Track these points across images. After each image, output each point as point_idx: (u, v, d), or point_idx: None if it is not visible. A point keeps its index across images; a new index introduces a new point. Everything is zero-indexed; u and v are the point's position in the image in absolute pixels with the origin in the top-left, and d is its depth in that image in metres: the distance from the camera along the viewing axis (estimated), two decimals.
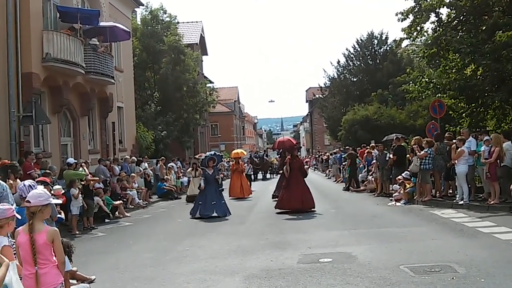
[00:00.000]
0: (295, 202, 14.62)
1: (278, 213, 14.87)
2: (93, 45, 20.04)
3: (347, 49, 40.74)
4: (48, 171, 13.91)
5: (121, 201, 16.75)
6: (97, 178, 15.86)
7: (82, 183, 14.25)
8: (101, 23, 20.80)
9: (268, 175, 36.98)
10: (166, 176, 23.17)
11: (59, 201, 10.93)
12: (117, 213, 16.03)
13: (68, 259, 6.35)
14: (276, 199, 16.67)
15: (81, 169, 15.23)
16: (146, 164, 22.49)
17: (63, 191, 11.84)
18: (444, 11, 16.37)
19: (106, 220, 15.07)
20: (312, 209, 14.63)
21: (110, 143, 23.24)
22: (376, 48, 39.55)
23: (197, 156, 24.70)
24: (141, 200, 19.34)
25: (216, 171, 15.64)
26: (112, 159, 20.63)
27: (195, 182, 19.37)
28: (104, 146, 22.47)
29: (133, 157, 22.36)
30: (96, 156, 20.63)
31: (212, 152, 16.92)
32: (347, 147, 25.64)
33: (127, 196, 18.14)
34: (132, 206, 18.16)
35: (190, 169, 21.46)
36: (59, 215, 9.20)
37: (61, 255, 4.72)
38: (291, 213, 14.25)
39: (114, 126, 24.00)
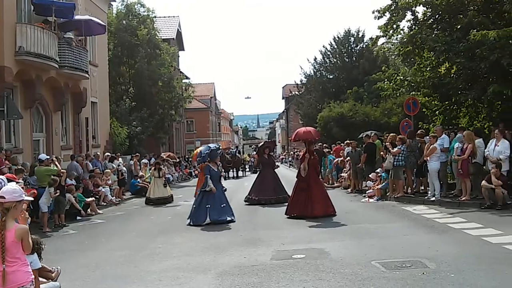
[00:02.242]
0: (317, 208, 12.36)
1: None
2: (67, 39, 19.73)
3: (323, 46, 40.85)
4: (21, 167, 13.69)
5: (93, 198, 16.53)
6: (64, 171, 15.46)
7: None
8: (76, 17, 20.48)
9: (240, 173, 36.44)
10: (140, 173, 22.94)
11: (31, 198, 10.77)
12: (89, 210, 15.78)
13: (38, 256, 6.22)
14: (248, 203, 16.12)
15: (52, 165, 14.98)
16: (120, 160, 22.23)
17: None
18: (420, 9, 16.52)
19: (78, 218, 14.83)
20: (334, 214, 12.53)
21: (83, 139, 22.97)
22: (352, 46, 39.73)
23: (164, 156, 23.00)
24: (114, 197, 19.10)
25: (219, 168, 13.80)
26: (85, 155, 20.36)
27: (158, 184, 18.48)
28: (77, 142, 22.18)
29: (106, 153, 22.10)
30: (68, 152, 20.35)
31: (216, 145, 14.23)
32: (319, 144, 25.72)
33: (100, 193, 17.89)
34: (105, 203, 17.92)
35: (152, 168, 19.96)
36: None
37: (28, 251, 4.65)
38: (297, 217, 12.39)
39: (88, 121, 23.72)
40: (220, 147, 14.51)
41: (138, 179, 22.38)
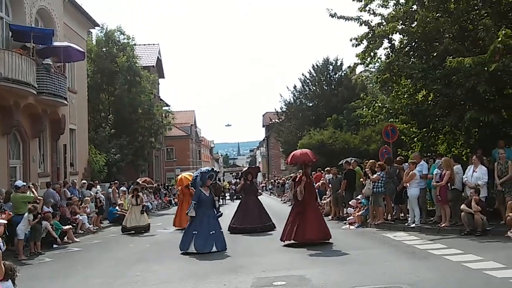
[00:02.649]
0: (311, 232, 11.95)
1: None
2: (46, 65, 19.61)
3: (303, 74, 41.38)
4: None
5: (70, 226, 16.21)
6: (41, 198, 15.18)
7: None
8: (55, 43, 20.42)
9: (220, 201, 34.87)
10: (119, 201, 22.60)
11: (4, 221, 10.54)
12: (66, 238, 15.46)
13: (12, 283, 6.04)
14: (232, 232, 15.24)
15: (29, 192, 14.71)
16: (98, 188, 21.92)
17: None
18: (396, 37, 16.76)
19: (54, 245, 14.50)
20: (329, 241, 12.23)
21: (61, 166, 22.63)
22: (331, 74, 40.28)
23: (140, 181, 21.79)
24: (92, 225, 18.76)
25: (213, 192, 12.92)
26: (63, 183, 20.05)
27: (135, 211, 17.73)
28: (54, 169, 21.86)
29: (83, 181, 21.82)
30: (46, 179, 20.02)
31: (208, 168, 13.54)
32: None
33: (77, 221, 17.58)
34: (82, 231, 17.59)
35: (130, 196, 19.15)
36: None
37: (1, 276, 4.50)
38: (300, 245, 11.76)
39: (66, 148, 23.44)
40: (214, 169, 13.72)
41: (117, 207, 22.02)
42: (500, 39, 12.60)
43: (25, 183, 15.13)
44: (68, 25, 24.13)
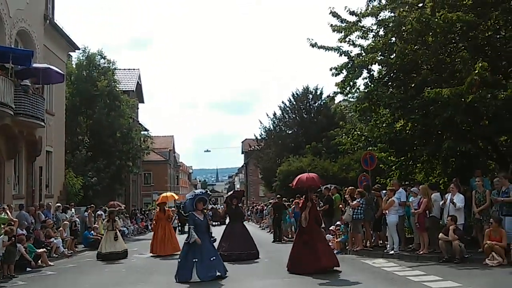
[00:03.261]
0: (324, 259, 11.40)
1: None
2: (24, 86, 19.40)
3: (283, 102, 41.72)
4: None
5: (44, 249, 15.85)
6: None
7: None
8: (34, 65, 20.26)
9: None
10: (94, 225, 22.23)
11: None
12: (40, 261, 15.10)
13: None
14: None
15: (3, 214, 14.41)
16: (73, 211, 21.57)
17: None
18: (375, 67, 17.01)
19: (28, 269, 14.14)
20: (336, 268, 11.58)
21: (36, 188, 22.21)
22: (311, 103, 40.69)
23: (115, 204, 20.98)
24: (66, 249, 18.37)
25: (207, 216, 12.22)
26: (38, 205, 19.68)
27: (110, 237, 16.89)
28: (29, 191, 21.43)
29: (57, 204, 21.47)
30: (20, 201, 19.60)
31: (202, 191, 12.87)
32: (278, 196, 25.81)
33: (52, 244, 17.20)
34: (57, 255, 17.20)
35: (105, 220, 18.23)
36: None
37: None
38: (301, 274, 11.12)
39: (42, 170, 23.07)
40: (208, 192, 12.96)
41: (92, 231, 21.64)
42: (477, 71, 12.89)
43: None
44: (48, 47, 24.02)
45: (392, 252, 13.84)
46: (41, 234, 17.15)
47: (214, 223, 39.17)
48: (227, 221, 16.88)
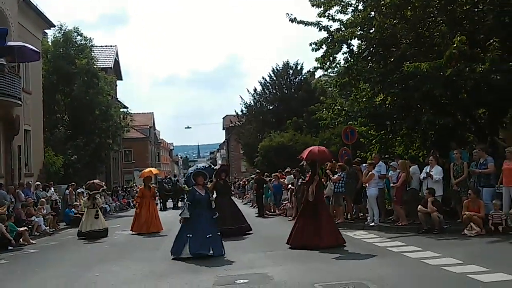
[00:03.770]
0: (327, 237, 11.06)
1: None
2: None
3: (263, 78, 41.55)
4: None
5: (26, 228, 15.75)
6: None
7: None
8: (9, 43, 19.82)
9: (180, 203, 32.18)
10: (75, 203, 22.12)
11: None
12: (21, 240, 15.02)
13: None
14: None
15: None
16: (53, 190, 21.42)
17: None
18: (355, 42, 17.03)
19: (9, 247, 14.07)
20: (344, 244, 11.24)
21: (15, 168, 21.95)
22: (291, 78, 40.62)
23: (95, 183, 18.24)
24: (48, 227, 18.29)
25: (208, 191, 11.78)
26: (17, 184, 19.50)
27: (91, 215, 16.28)
28: (9, 170, 21.18)
29: (37, 182, 21.28)
30: (0, 181, 19.37)
31: (204, 165, 12.29)
32: (257, 171, 25.94)
33: (33, 223, 17.10)
34: (38, 233, 17.13)
35: (85, 198, 17.58)
36: None
37: None
38: (302, 248, 10.90)
39: (20, 149, 22.77)
40: (212, 167, 12.25)
41: (73, 209, 21.54)
42: (455, 45, 13.00)
43: None
44: (23, 25, 23.50)
45: (372, 224, 14.08)
46: (22, 212, 17.03)
47: None
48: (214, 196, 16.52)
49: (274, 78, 40.92)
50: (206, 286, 7.82)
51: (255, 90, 41.89)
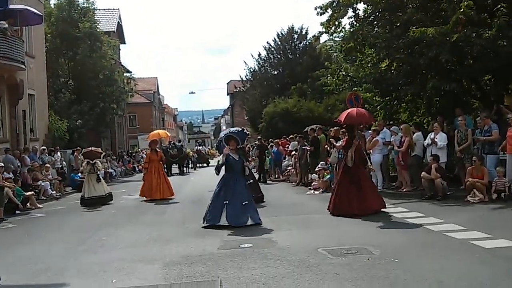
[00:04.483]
0: (372, 202, 10.78)
1: None
2: (2, 29, 18.87)
3: (267, 43, 41.04)
4: None
5: (32, 192, 15.94)
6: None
7: None
8: (11, 6, 19.58)
9: (185, 169, 32.91)
10: (81, 167, 22.26)
11: None
12: (28, 204, 15.23)
13: None
14: None
15: None
16: (58, 154, 21.54)
17: None
18: (361, 6, 16.79)
19: (17, 212, 14.30)
20: (383, 209, 10.89)
21: (20, 132, 22.06)
22: (296, 43, 40.15)
23: (94, 150, 17.37)
24: (55, 192, 18.51)
25: (242, 156, 11.12)
26: (23, 149, 19.61)
27: (92, 180, 15.85)
28: (14, 135, 21.30)
29: (42, 147, 21.38)
30: (5, 146, 19.48)
31: (235, 129, 11.60)
32: (259, 137, 26.02)
33: (39, 187, 17.29)
34: (45, 198, 17.35)
35: (85, 163, 16.70)
36: None
37: None
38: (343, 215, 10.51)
39: (25, 114, 22.86)
40: (244, 131, 11.46)
41: (79, 174, 21.71)
42: (462, 10, 12.83)
43: None
44: None
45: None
46: (28, 177, 17.19)
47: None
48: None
49: (279, 43, 40.46)
50: (211, 250, 7.95)
51: (259, 55, 41.52)
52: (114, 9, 44.83)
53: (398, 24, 15.58)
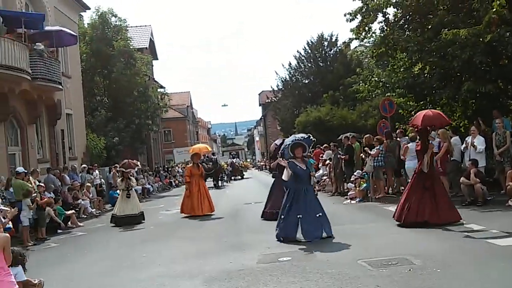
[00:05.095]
0: (446, 212, 10.01)
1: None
2: (38, 50, 19.46)
3: (298, 52, 41.11)
4: None
5: (73, 211, 16.30)
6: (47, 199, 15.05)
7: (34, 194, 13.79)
8: (47, 28, 20.24)
9: (220, 183, 32.35)
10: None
11: (7, 209, 10.59)
12: (69, 223, 15.58)
13: (22, 268, 6.11)
14: (265, 218, 12.85)
15: (29, 180, 14.75)
16: (97, 172, 21.97)
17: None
18: (391, 11, 16.72)
19: (59, 231, 14.64)
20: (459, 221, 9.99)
21: (59, 152, 22.62)
22: (326, 50, 40.08)
23: (132, 163, 17.09)
24: (94, 209, 18.88)
25: (309, 165, 10.40)
26: (62, 168, 20.09)
27: (124, 197, 15.20)
28: (53, 155, 21.86)
29: (83, 165, 21.85)
30: (45, 165, 20.02)
31: (300, 136, 10.61)
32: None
33: (79, 206, 17.67)
34: (85, 216, 17.72)
35: (119, 179, 16.04)
36: (7, 225, 8.89)
37: (9, 262, 4.57)
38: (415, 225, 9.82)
39: (64, 133, 23.44)
40: (310, 137, 10.48)
41: (117, 191, 22.04)
42: (494, 9, 12.59)
43: (26, 170, 15.15)
44: (59, 9, 23.88)
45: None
46: (69, 196, 17.58)
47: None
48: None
49: (309, 51, 40.45)
50: (250, 264, 7.95)
51: (290, 64, 41.60)
52: (146, 25, 45.74)
53: (429, 27, 15.42)
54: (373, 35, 17.74)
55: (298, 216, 9.50)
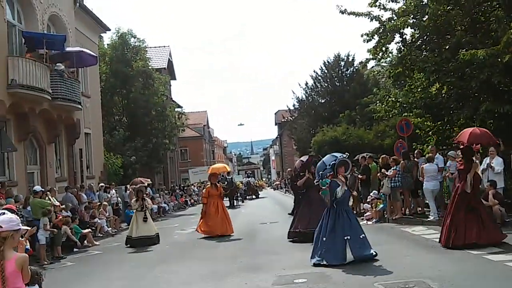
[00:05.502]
0: (491, 233, 9.60)
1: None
2: (59, 71, 19.79)
3: (314, 71, 41.14)
4: (13, 199, 13.61)
5: (89, 230, 16.38)
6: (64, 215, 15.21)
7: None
8: (68, 49, 20.61)
9: (234, 202, 31.95)
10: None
11: (27, 228, 10.64)
12: (85, 241, 15.64)
13: (38, 287, 6.13)
14: (292, 239, 12.46)
15: (48, 197, 14.90)
16: (113, 191, 22.11)
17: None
18: (408, 31, 16.73)
19: (75, 249, 14.71)
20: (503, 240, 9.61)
21: (77, 170, 22.84)
22: (343, 70, 40.08)
23: (142, 180, 17.75)
24: (110, 228, 18.95)
25: (324, 185, 10.04)
26: (79, 187, 20.26)
27: (139, 217, 14.74)
28: (71, 174, 22.06)
29: (101, 184, 21.99)
30: (63, 184, 20.20)
31: (340, 155, 10.03)
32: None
33: (96, 224, 17.75)
34: (101, 235, 17.78)
35: (134, 200, 15.55)
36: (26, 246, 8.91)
37: (27, 280, 4.60)
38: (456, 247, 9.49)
39: (82, 152, 23.67)
40: (345, 157, 9.94)
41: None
42: None
43: (43, 189, 15.32)
44: (80, 30, 24.33)
45: (431, 218, 13.75)
46: (86, 214, 17.69)
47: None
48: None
49: (326, 71, 40.50)
50: (265, 285, 7.91)
51: (306, 84, 41.69)
52: (164, 46, 46.37)
53: (447, 47, 15.40)
54: (390, 55, 17.74)
55: (346, 238, 9.16)
